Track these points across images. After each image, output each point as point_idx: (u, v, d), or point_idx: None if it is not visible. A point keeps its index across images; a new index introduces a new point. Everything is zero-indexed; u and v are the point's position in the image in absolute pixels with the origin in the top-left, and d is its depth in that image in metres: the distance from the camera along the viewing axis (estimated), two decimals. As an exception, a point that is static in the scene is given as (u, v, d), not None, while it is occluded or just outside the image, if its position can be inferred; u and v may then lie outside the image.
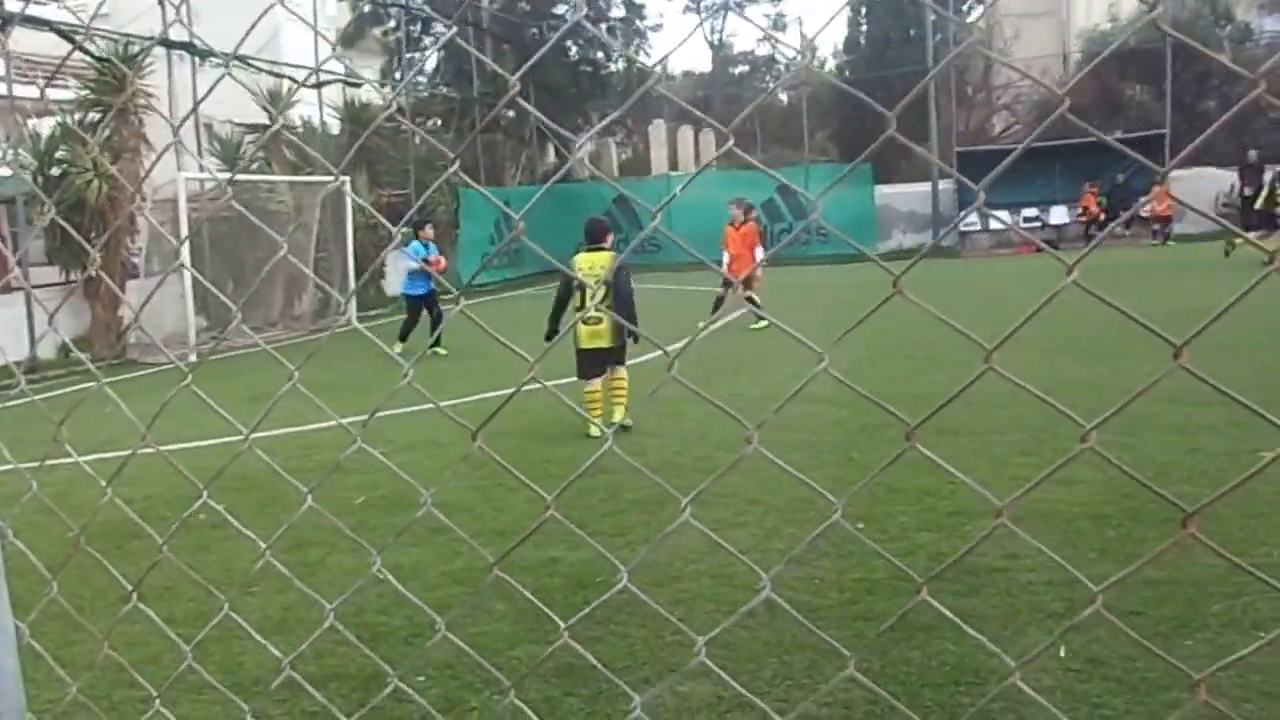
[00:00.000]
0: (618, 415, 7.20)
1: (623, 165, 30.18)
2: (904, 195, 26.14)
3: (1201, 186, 23.29)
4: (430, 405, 1.65)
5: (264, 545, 1.67)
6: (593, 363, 7.14)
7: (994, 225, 26.10)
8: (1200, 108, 23.68)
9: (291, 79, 18.03)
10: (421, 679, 3.29)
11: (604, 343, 7.08)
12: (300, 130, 19.34)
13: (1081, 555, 4.01)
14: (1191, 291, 11.53)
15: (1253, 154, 21.99)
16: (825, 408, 6.75)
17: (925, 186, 25.89)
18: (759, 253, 13.17)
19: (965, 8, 27.10)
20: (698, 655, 1.37)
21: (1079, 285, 0.98)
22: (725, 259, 12.95)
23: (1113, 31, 23.38)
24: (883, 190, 25.41)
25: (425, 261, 11.96)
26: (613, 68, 28.55)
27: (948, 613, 1.25)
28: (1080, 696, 2.91)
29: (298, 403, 2.23)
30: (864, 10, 27.79)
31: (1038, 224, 25.42)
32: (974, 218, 26.11)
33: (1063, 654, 3.17)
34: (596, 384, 7.20)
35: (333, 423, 2.48)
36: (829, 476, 5.35)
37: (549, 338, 7.13)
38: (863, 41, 28.23)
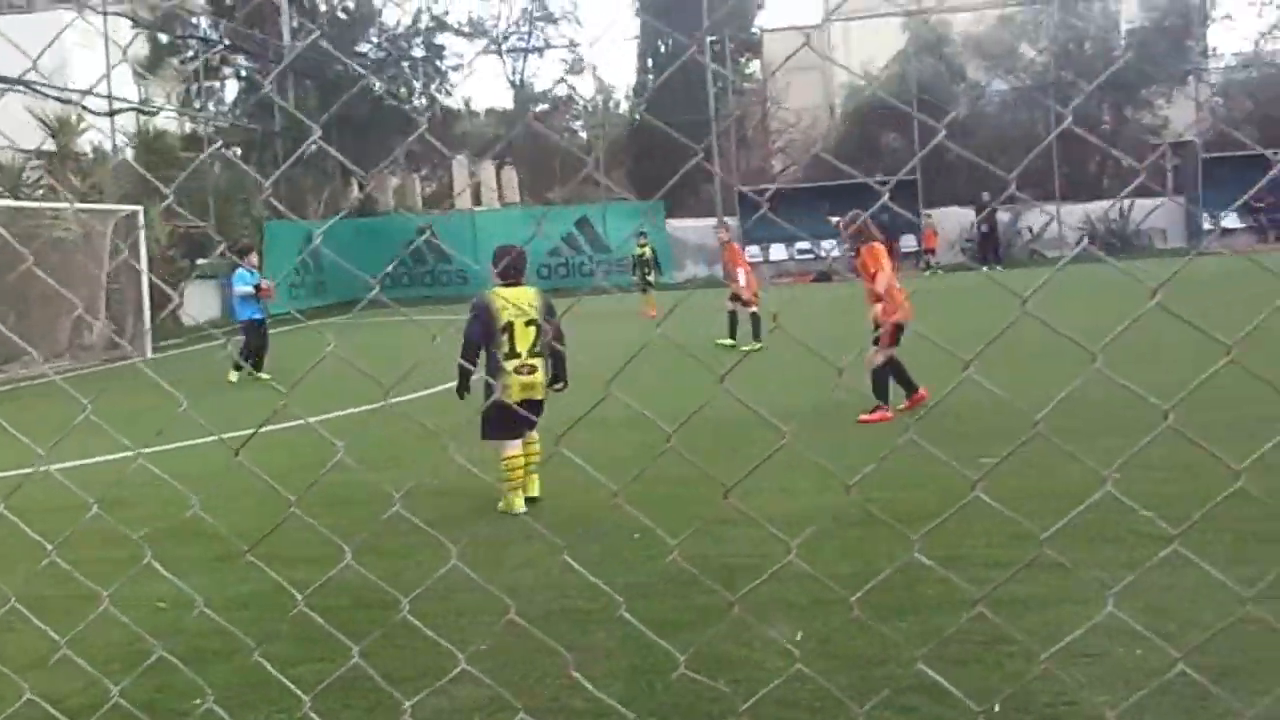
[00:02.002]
0: (535, 487, 6.19)
1: (426, 199, 30.69)
2: (694, 229, 27.99)
3: (949, 224, 26.54)
4: (218, 437, 2.10)
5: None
6: (518, 420, 5.71)
7: (773, 257, 28.46)
8: (946, 156, 26.67)
9: (82, 106, 17.62)
10: (198, 702, 3.27)
11: (537, 394, 6.01)
12: (90, 157, 18.85)
13: (824, 554, 4.76)
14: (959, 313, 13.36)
15: (985, 195, 25.16)
16: (618, 429, 7.33)
17: (711, 221, 27.90)
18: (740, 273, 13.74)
19: (743, 60, 29.40)
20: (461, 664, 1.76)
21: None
22: (742, 279, 13.38)
23: (867, 87, 26.02)
24: (674, 224, 27.15)
25: (256, 288, 12.27)
26: (416, 103, 29.03)
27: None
28: (804, 673, 3.37)
29: (85, 436, 2.62)
30: (650, 61, 29.65)
31: (811, 256, 27.89)
32: (755, 249, 28.35)
33: (799, 637, 3.88)
34: (518, 446, 6.04)
35: (117, 456, 2.66)
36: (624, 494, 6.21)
37: (463, 390, 5.90)
38: (649, 86, 30.12)
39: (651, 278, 18.94)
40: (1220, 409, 5.99)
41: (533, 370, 5.96)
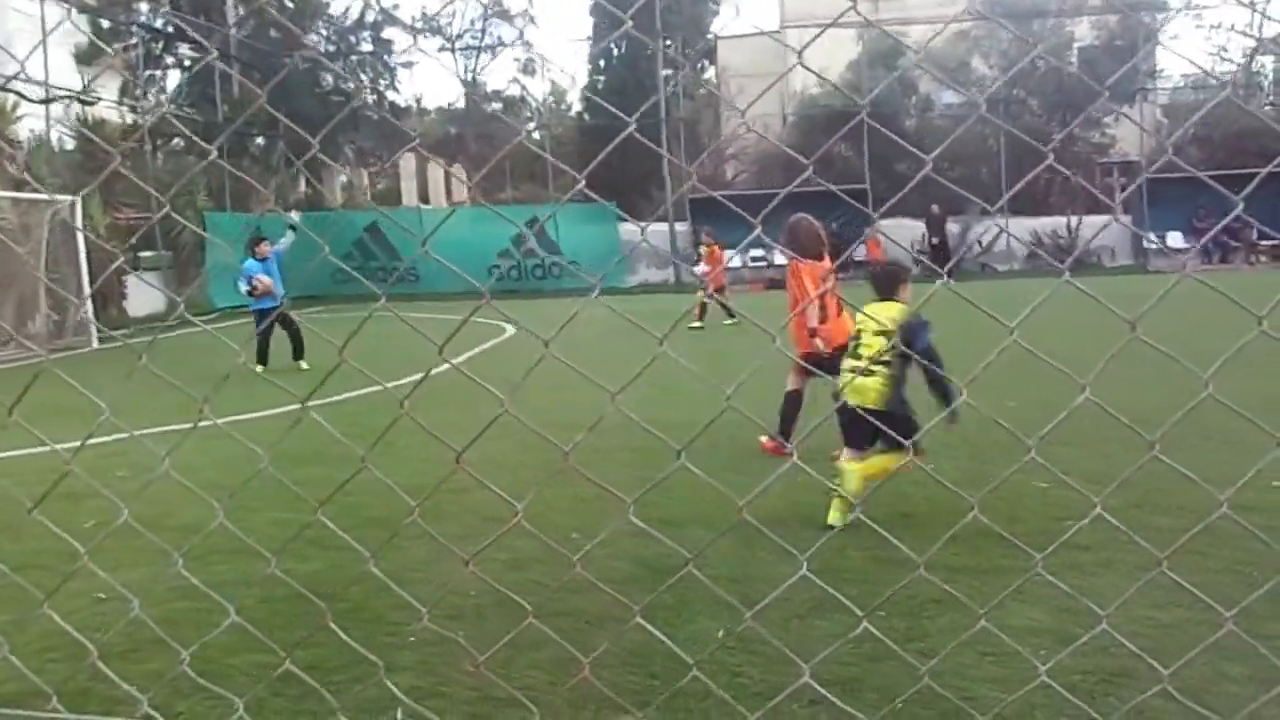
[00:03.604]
0: (834, 514, 5.43)
1: (375, 195, 30.47)
2: (649, 233, 28.10)
3: (900, 235, 26.83)
4: (181, 427, 2.18)
5: None
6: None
7: (731, 264, 28.66)
8: (896, 167, 27.03)
9: (18, 94, 17.27)
10: (132, 689, 3.27)
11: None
12: (27, 147, 18.47)
13: (757, 555, 4.83)
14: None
15: (935, 208, 25.52)
16: (564, 431, 7.56)
17: (664, 226, 27.94)
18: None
19: (699, 66, 29.54)
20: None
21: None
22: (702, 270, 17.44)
23: (821, 96, 26.24)
24: (627, 228, 27.19)
25: (250, 281, 11.97)
26: (366, 98, 28.83)
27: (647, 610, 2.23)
28: (727, 668, 3.64)
29: (39, 426, 2.69)
30: (602, 63, 29.69)
31: (764, 264, 28.09)
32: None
33: (720, 635, 3.95)
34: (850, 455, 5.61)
35: (73, 444, 2.69)
36: (570, 495, 6.05)
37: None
38: (600, 88, 30.16)
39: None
40: (1148, 422, 6.13)
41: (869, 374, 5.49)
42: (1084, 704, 3.11)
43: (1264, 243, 25.90)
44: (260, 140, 24.26)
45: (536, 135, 31.09)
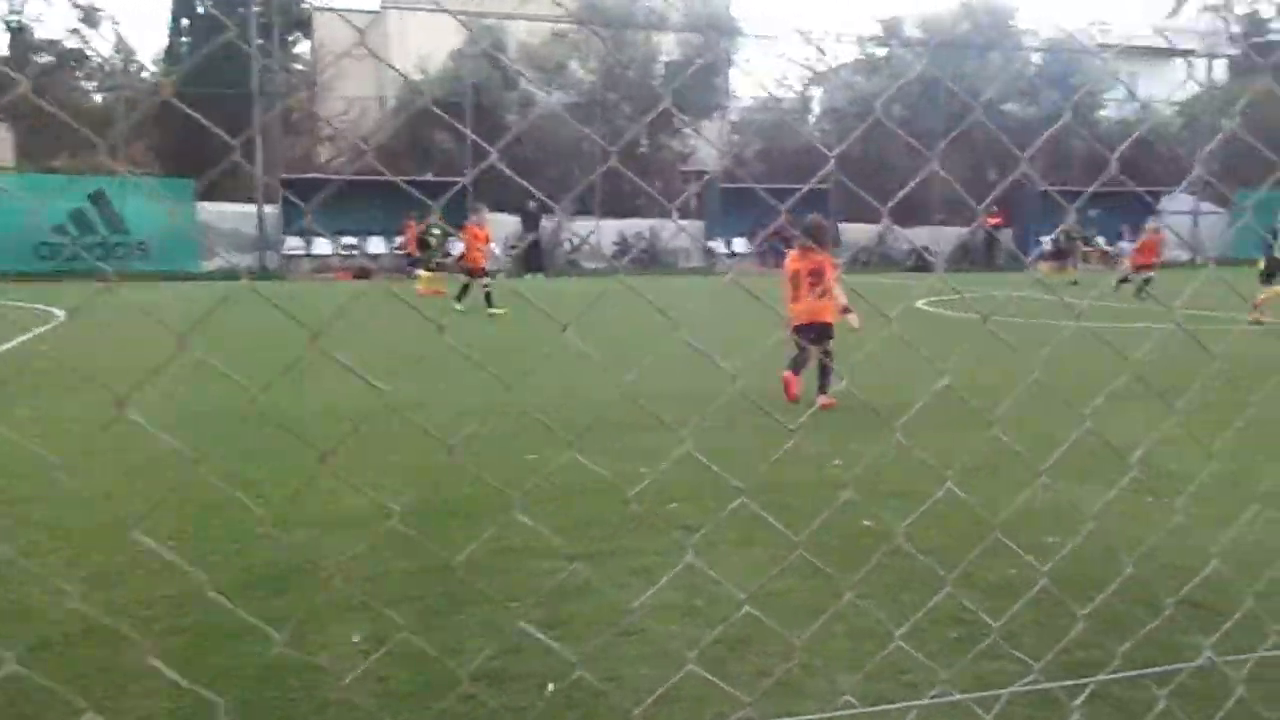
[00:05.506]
0: None
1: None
2: (228, 214, 26.02)
3: (494, 230, 27.17)
4: None
5: None
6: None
7: (316, 250, 27.34)
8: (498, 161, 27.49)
9: None
10: None
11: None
12: None
13: (382, 555, 4.59)
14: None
15: (532, 204, 26.31)
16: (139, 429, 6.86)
17: (250, 208, 26.07)
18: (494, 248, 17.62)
19: (290, 39, 27.91)
20: None
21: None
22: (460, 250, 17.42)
23: (424, 82, 25.95)
24: (205, 207, 25.03)
25: None
26: None
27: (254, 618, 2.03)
28: (370, 674, 3.40)
29: None
30: (188, 22, 27.05)
31: (355, 253, 27.23)
32: (299, 242, 27.05)
33: (356, 639, 3.70)
34: None
35: None
36: (143, 497, 5.59)
37: None
38: (185, 53, 27.44)
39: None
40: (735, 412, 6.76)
41: None
42: (714, 672, 3.36)
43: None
44: None
45: (99, 98, 27.59)
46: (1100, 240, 30.30)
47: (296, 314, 1.90)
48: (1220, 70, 38.09)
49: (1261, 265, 14.99)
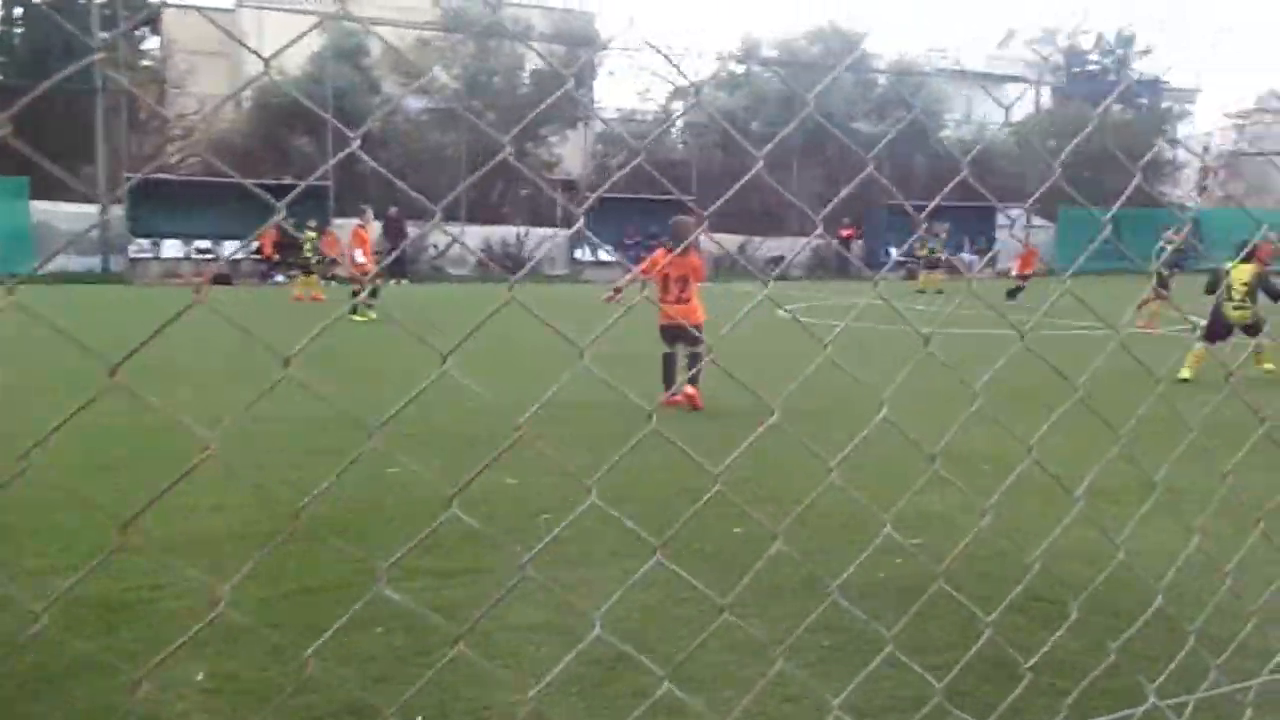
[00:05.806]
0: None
1: None
2: (67, 214, 24.46)
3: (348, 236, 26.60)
4: None
5: None
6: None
7: (165, 254, 25.99)
8: (358, 166, 26.76)
9: None
10: None
11: None
12: None
13: (229, 578, 4.53)
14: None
15: (394, 210, 25.78)
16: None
17: (92, 208, 24.59)
18: (358, 254, 17.15)
19: (137, 34, 26.50)
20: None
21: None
22: (359, 257, 16.98)
23: (283, 84, 25.07)
24: (42, 207, 23.47)
25: None
26: None
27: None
28: (216, 711, 3.21)
29: None
30: (21, 11, 25.35)
31: (211, 256, 26.01)
32: (146, 244, 25.69)
33: (200, 677, 3.41)
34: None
35: None
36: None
37: None
38: (17, 44, 25.69)
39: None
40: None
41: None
42: (590, 695, 3.26)
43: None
44: None
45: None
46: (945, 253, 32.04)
47: (146, 322, 1.72)
48: (1046, 97, 40.73)
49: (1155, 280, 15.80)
